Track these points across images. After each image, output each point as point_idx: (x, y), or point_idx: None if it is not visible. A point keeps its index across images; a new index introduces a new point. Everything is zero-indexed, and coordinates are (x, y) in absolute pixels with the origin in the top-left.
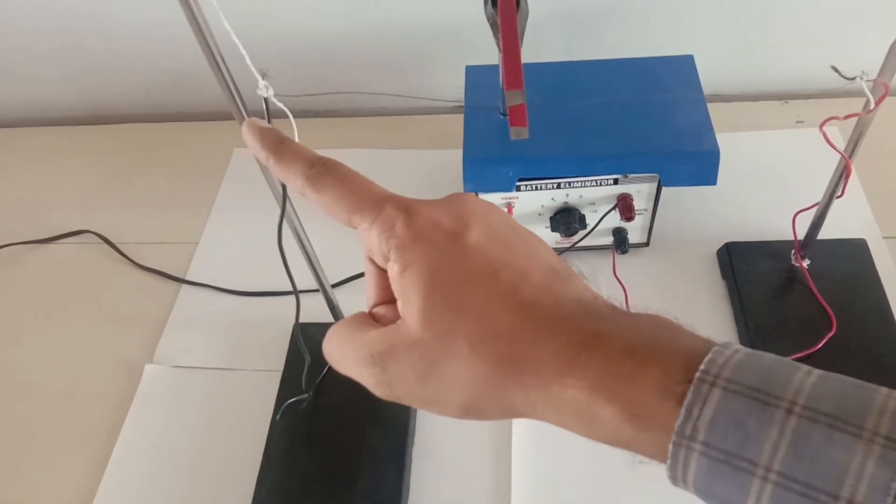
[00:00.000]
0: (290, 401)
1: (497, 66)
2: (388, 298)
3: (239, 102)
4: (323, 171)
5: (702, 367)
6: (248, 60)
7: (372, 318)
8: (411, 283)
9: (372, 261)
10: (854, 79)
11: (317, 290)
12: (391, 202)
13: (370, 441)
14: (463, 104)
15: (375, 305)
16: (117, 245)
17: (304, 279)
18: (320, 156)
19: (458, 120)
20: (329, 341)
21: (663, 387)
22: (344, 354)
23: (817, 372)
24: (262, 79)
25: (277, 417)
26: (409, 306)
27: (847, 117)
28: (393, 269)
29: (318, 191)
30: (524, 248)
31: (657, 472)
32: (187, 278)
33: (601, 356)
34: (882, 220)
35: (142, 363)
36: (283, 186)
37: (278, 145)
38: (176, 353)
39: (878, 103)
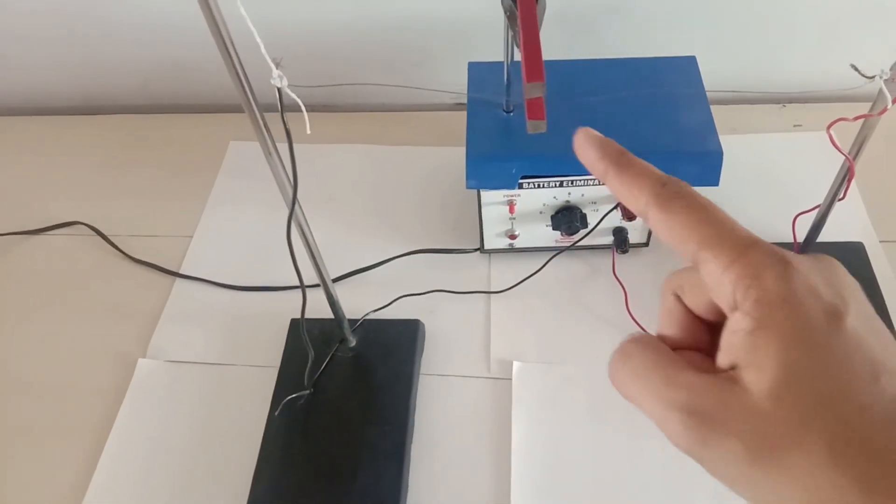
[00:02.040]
0: (289, 397)
1: (500, 63)
2: (689, 344)
3: (249, 91)
4: (677, 194)
5: None
6: (262, 49)
7: (667, 344)
8: (769, 347)
9: (678, 298)
10: (874, 77)
11: (315, 286)
12: (761, 247)
13: (369, 438)
14: (463, 102)
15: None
16: (110, 237)
17: (302, 273)
18: (669, 176)
19: (460, 117)
20: (626, 357)
21: None
22: (648, 385)
23: None
24: (276, 68)
25: (276, 414)
26: (758, 372)
27: (857, 118)
28: (743, 323)
29: (668, 213)
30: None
31: (658, 472)
32: (181, 272)
33: None
34: (879, 223)
35: (135, 357)
36: (295, 178)
37: (621, 157)
38: (170, 347)
39: (894, 101)
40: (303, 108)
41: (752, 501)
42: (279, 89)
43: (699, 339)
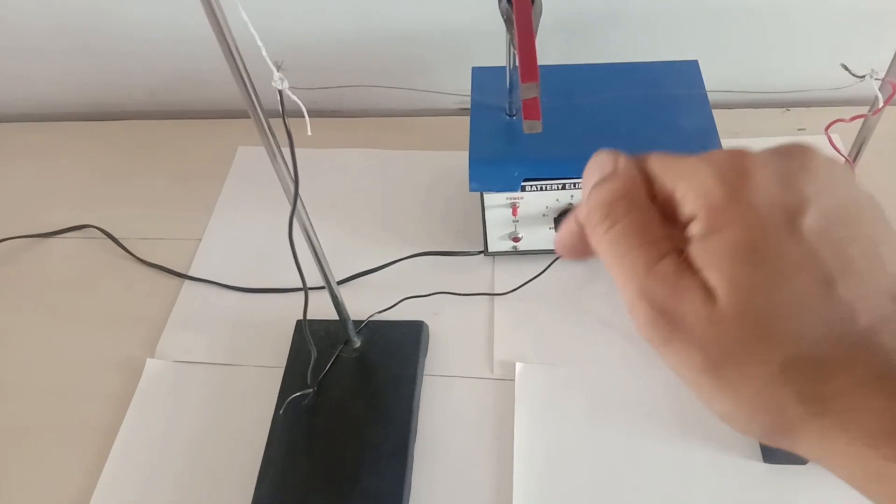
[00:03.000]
0: (293, 396)
1: (503, 67)
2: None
3: (253, 95)
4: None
5: None
6: (264, 52)
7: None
8: (725, 250)
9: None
10: (864, 77)
11: (320, 288)
12: (719, 151)
13: (372, 438)
14: (467, 108)
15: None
16: (120, 240)
17: (307, 275)
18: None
19: (463, 122)
20: (614, 220)
21: None
22: (628, 262)
23: None
24: (278, 71)
25: (280, 413)
26: (720, 280)
27: (853, 119)
28: (696, 227)
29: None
30: (870, 249)
31: (658, 473)
32: (190, 274)
33: None
34: None
35: (143, 359)
36: (296, 178)
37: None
38: (178, 349)
39: (886, 102)
40: (303, 109)
41: (704, 404)
42: (280, 91)
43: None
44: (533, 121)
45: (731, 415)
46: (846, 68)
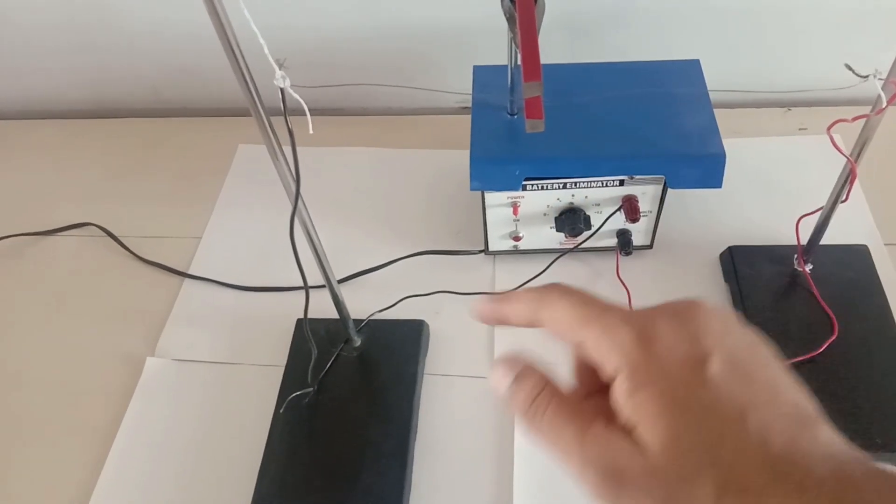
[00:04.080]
0: (294, 394)
1: (505, 66)
2: (591, 389)
3: (254, 93)
4: (554, 294)
5: None
6: (266, 50)
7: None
8: (650, 406)
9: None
10: (867, 77)
11: (321, 286)
12: (617, 316)
13: (373, 437)
14: (469, 106)
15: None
16: (120, 238)
17: (308, 274)
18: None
19: (465, 121)
20: (542, 412)
21: None
22: (562, 439)
23: None
24: (279, 69)
25: (281, 411)
26: (649, 431)
27: (856, 119)
28: (622, 386)
29: (548, 311)
30: (767, 382)
31: None
32: (190, 272)
33: None
34: (883, 226)
35: (143, 357)
36: (297, 176)
37: (499, 302)
38: (178, 346)
39: (889, 102)
40: (305, 107)
41: None
42: (282, 89)
43: (596, 384)
44: (535, 120)
45: None
46: (850, 68)
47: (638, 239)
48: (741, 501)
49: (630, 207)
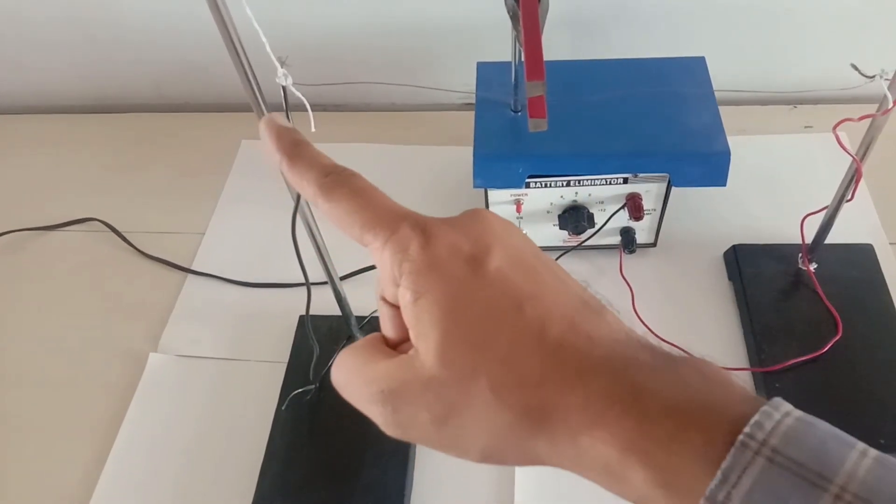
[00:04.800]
0: (295, 392)
1: (508, 63)
2: (406, 336)
3: (256, 90)
4: (337, 182)
5: (746, 429)
6: (268, 48)
7: (385, 344)
8: (426, 313)
9: (385, 300)
10: (874, 77)
11: (325, 283)
12: (407, 221)
13: (374, 434)
14: (472, 102)
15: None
16: (123, 234)
17: (310, 271)
18: (337, 164)
19: (467, 118)
20: (338, 368)
21: (703, 455)
22: (352, 387)
23: (873, 453)
24: (281, 66)
25: (282, 409)
26: (425, 340)
27: (862, 118)
28: (405, 296)
29: (330, 201)
30: (549, 276)
31: None
32: (193, 268)
33: (637, 413)
34: (889, 225)
35: (146, 353)
36: None
37: (294, 147)
38: (180, 342)
39: (895, 102)
40: (307, 105)
41: (447, 454)
42: (284, 87)
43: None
44: (538, 119)
45: (468, 452)
46: (856, 68)
47: (641, 237)
48: (519, 395)
49: (634, 205)
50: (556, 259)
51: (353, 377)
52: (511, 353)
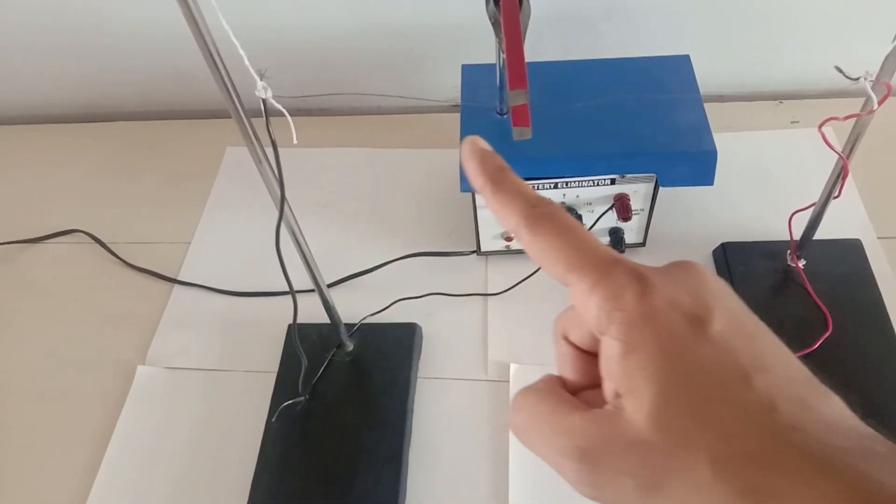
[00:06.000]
0: (285, 403)
1: (493, 65)
2: (590, 383)
3: (237, 101)
4: (544, 216)
5: None
6: (246, 61)
7: (565, 389)
8: (640, 370)
9: (567, 340)
10: (858, 79)
11: (312, 291)
12: (620, 266)
13: (367, 443)
14: (458, 103)
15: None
16: (108, 245)
17: (299, 279)
18: (541, 196)
19: (454, 119)
20: (519, 412)
21: None
22: (540, 435)
23: None
24: (261, 79)
25: (273, 420)
26: (636, 399)
27: (847, 118)
28: (612, 347)
29: (536, 235)
30: (772, 346)
31: None
32: (180, 278)
33: None
34: (876, 220)
35: (134, 364)
36: (282, 188)
37: (498, 174)
38: (169, 354)
39: (880, 103)
40: (288, 117)
41: None
42: (264, 100)
43: (596, 376)
44: (522, 128)
45: None
46: (840, 70)
47: (630, 237)
48: (742, 474)
49: (622, 206)
50: None
51: (541, 425)
52: (736, 427)
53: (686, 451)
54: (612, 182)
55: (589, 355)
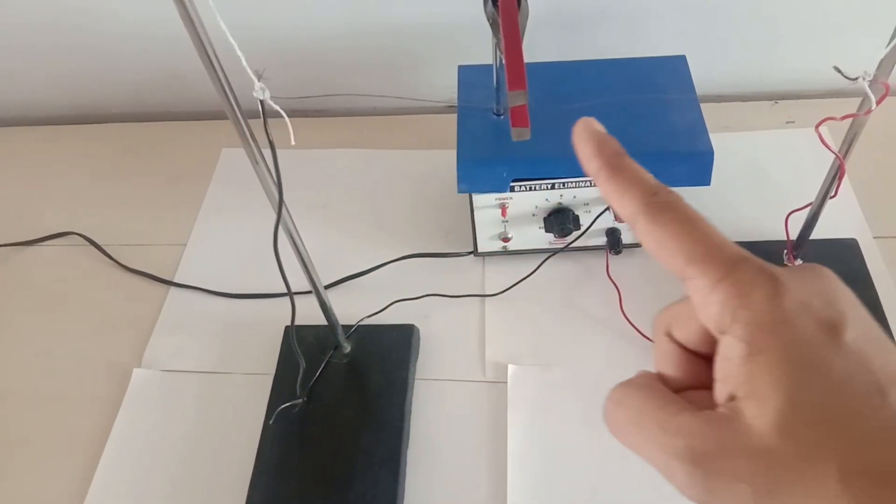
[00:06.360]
0: (282, 406)
1: (490, 66)
2: (692, 383)
3: (234, 103)
4: (667, 204)
5: None
6: (244, 62)
7: (666, 387)
8: (766, 374)
9: (672, 338)
10: (857, 79)
11: (309, 292)
12: (749, 264)
13: (364, 445)
14: (455, 104)
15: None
16: (104, 247)
17: (295, 280)
18: (662, 184)
19: (451, 120)
20: (619, 407)
21: None
22: (644, 432)
23: None
24: (258, 80)
25: (270, 422)
26: (760, 404)
27: (844, 118)
28: (735, 348)
29: (655, 224)
30: None
31: (653, 473)
32: (176, 280)
33: None
34: (872, 219)
35: (130, 367)
36: (279, 189)
37: (616, 159)
38: (165, 356)
39: (878, 103)
40: (286, 118)
41: None
42: (262, 101)
43: (700, 376)
44: (521, 128)
45: None
46: (838, 70)
47: (628, 237)
48: (872, 491)
49: None
50: (544, 262)
51: (647, 422)
52: (870, 441)
53: (813, 463)
54: None
55: (692, 354)
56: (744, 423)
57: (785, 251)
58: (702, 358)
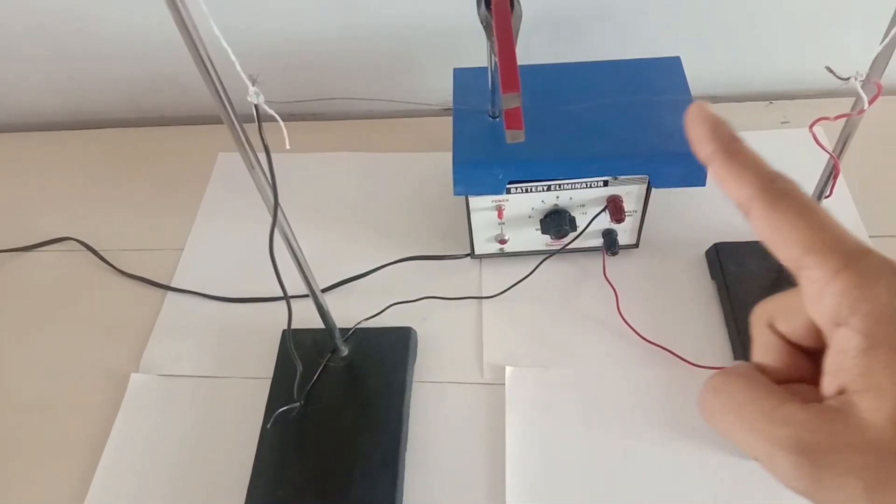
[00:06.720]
0: (280, 410)
1: (485, 68)
2: (793, 376)
3: (229, 107)
4: (786, 191)
5: None
6: (238, 67)
7: (767, 377)
8: (886, 368)
9: (773, 329)
10: (849, 79)
11: (306, 296)
12: (873, 256)
13: (362, 448)
14: (450, 107)
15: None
16: (100, 252)
17: (292, 284)
18: (779, 171)
19: (447, 122)
20: (719, 393)
21: None
22: (746, 420)
23: None
24: (252, 85)
25: (268, 426)
26: (878, 398)
27: (838, 118)
28: (852, 340)
29: (773, 210)
30: None
31: (651, 473)
32: (172, 285)
33: None
34: (868, 219)
35: (127, 372)
36: (275, 193)
37: (732, 142)
38: (162, 361)
39: (871, 102)
40: (281, 123)
41: None
42: (256, 106)
43: (802, 370)
44: (515, 130)
45: None
46: (831, 70)
47: (624, 238)
48: None
49: (615, 207)
50: (540, 263)
51: (749, 411)
52: None
53: None
54: (605, 184)
55: (793, 347)
56: (858, 417)
57: None
58: (802, 351)
